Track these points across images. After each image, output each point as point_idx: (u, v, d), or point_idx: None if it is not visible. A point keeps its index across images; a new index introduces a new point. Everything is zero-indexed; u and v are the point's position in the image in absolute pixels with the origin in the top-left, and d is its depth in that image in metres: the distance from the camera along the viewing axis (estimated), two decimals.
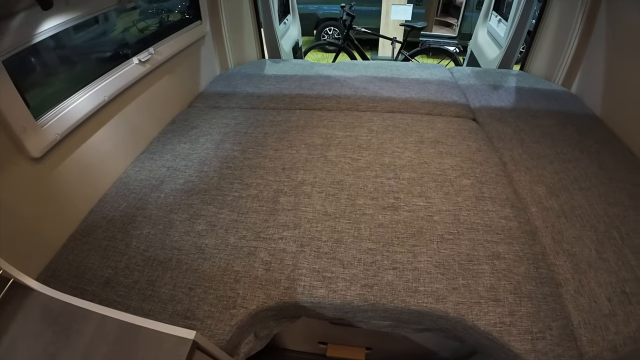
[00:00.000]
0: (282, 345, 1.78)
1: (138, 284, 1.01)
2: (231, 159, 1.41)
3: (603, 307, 0.98)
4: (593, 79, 1.94)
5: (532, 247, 1.09)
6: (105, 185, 1.34)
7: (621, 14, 1.75)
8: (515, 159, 1.44)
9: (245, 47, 2.45)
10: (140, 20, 1.72)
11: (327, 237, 1.07)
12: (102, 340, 0.67)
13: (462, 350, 1.46)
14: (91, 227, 1.19)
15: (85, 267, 1.06)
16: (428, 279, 0.98)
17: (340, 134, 1.48)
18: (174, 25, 1.82)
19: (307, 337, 1.61)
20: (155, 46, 1.60)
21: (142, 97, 1.56)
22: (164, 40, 1.68)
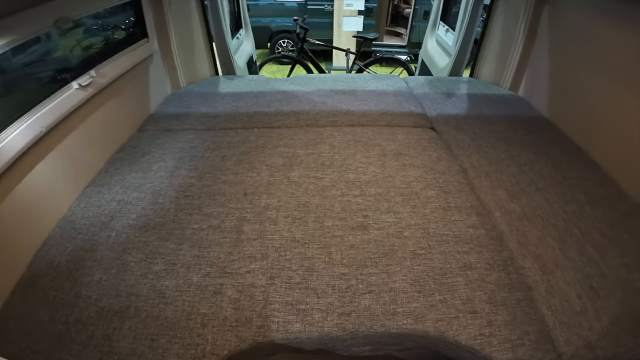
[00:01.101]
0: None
1: (93, 340, 0.90)
2: (188, 186, 1.32)
3: (574, 305, 1.00)
4: (538, 82, 2.06)
5: (500, 254, 1.10)
6: (49, 225, 1.20)
7: (561, 19, 1.87)
8: (475, 165, 1.47)
9: (198, 64, 2.35)
10: (80, 41, 1.59)
11: (298, 265, 1.02)
12: None
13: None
14: (36, 275, 1.05)
15: (33, 322, 0.93)
16: (405, 299, 0.95)
17: (302, 152, 1.44)
18: (118, 44, 1.70)
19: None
20: (97, 68, 1.47)
21: (85, 124, 1.43)
22: (107, 61, 1.55)
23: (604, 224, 1.26)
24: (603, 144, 1.59)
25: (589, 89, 1.68)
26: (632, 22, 1.43)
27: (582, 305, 1.00)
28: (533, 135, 1.74)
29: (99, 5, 1.53)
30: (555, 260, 1.13)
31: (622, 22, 1.48)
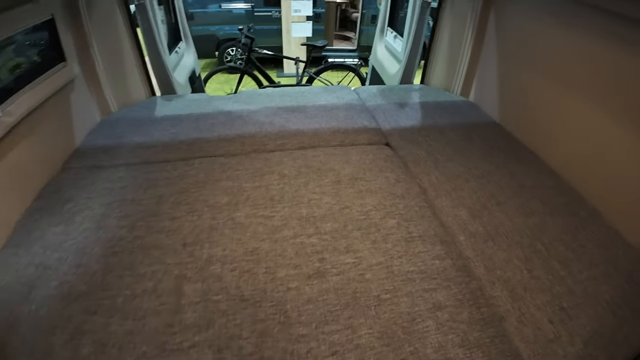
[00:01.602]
0: None
1: None
2: (117, 240, 1.14)
3: (547, 332, 0.96)
4: (487, 87, 2.05)
5: (468, 285, 1.03)
6: None
7: (508, 22, 1.86)
8: (434, 183, 1.41)
9: (130, 86, 2.12)
10: None
11: (249, 331, 0.88)
12: None
13: None
14: None
15: None
16: (373, 357, 0.84)
17: (248, 185, 1.30)
18: (29, 74, 1.45)
19: None
20: (2, 106, 1.25)
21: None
22: (16, 95, 1.32)
23: (567, 235, 1.24)
24: (554, 146, 1.60)
25: (536, 91, 1.69)
26: (572, 23, 1.43)
27: (555, 331, 0.97)
28: (487, 144, 1.72)
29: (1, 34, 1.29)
30: (523, 283, 1.08)
31: (563, 24, 1.49)
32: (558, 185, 1.49)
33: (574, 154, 1.50)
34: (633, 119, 1.24)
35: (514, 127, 1.84)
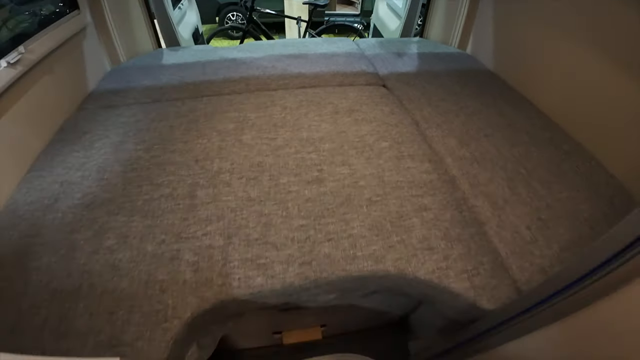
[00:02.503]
0: (235, 346, 1.69)
1: (48, 323, 0.85)
2: (135, 159, 1.25)
3: (525, 235, 1.06)
4: (484, 39, 2.11)
5: (453, 194, 1.14)
6: None
7: None
8: (426, 117, 1.50)
9: (138, 38, 2.19)
10: (5, 20, 1.43)
11: (255, 222, 1.01)
12: None
13: (411, 303, 1.52)
14: None
15: None
16: (364, 243, 0.97)
17: (253, 115, 1.40)
18: (48, 18, 1.54)
19: (259, 332, 1.54)
20: (25, 44, 1.34)
21: (18, 106, 1.31)
22: (36, 36, 1.42)
23: (550, 163, 1.33)
24: (545, 92, 1.67)
25: (529, 40, 1.75)
26: None
27: (532, 235, 1.07)
28: (480, 88, 1.79)
29: None
30: (504, 197, 1.18)
31: None
32: (545, 124, 1.58)
33: (562, 97, 1.58)
34: (619, 61, 1.30)
35: (508, 75, 1.90)
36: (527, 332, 0.77)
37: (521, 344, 0.81)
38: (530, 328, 0.76)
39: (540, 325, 0.73)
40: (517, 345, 0.82)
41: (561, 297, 0.66)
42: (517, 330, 0.80)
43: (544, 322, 0.72)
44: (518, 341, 0.81)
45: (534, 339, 0.76)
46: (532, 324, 0.76)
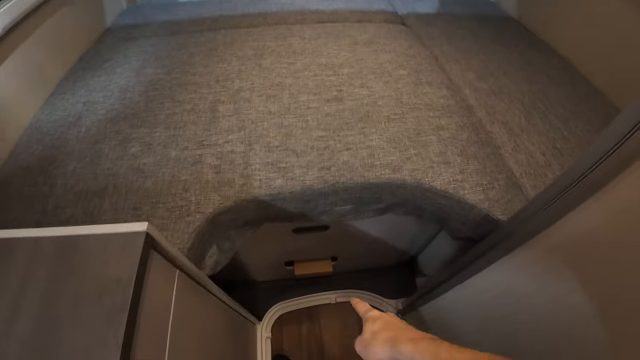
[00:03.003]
0: (251, 277, 1.76)
1: (74, 218, 0.90)
2: (156, 81, 1.27)
3: (539, 160, 1.07)
4: None
5: (470, 119, 1.15)
6: (14, 136, 1.14)
7: None
8: (445, 53, 1.48)
9: None
10: None
11: (275, 132, 1.03)
12: (39, 262, 0.58)
13: (420, 239, 1.56)
14: (7, 179, 1.01)
15: (9, 220, 0.91)
16: (382, 154, 0.99)
17: (272, 44, 1.40)
18: None
19: (272, 262, 1.60)
20: None
21: (42, 30, 1.33)
22: None
23: (568, 101, 1.32)
24: (567, 38, 1.64)
25: None
26: None
27: (546, 160, 1.08)
28: (502, 31, 1.76)
29: None
30: (521, 126, 1.19)
31: None
32: (565, 67, 1.55)
33: (584, 43, 1.55)
34: None
35: (530, 21, 1.85)
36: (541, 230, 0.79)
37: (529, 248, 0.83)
38: (546, 225, 0.78)
39: (554, 219, 0.75)
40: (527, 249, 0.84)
41: (571, 188, 0.67)
42: (530, 233, 0.82)
43: (559, 215, 0.74)
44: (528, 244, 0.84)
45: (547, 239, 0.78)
46: (545, 220, 0.78)
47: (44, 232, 0.62)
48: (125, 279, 0.56)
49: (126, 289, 0.55)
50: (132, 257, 0.58)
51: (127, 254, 0.59)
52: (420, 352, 0.43)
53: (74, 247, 0.60)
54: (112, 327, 0.52)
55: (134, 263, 0.58)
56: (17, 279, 0.56)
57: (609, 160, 0.57)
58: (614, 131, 0.55)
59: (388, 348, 0.49)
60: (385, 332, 0.51)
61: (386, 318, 0.55)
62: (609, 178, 0.59)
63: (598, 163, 0.59)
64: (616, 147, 0.55)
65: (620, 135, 0.53)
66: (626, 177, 0.56)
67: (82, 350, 0.49)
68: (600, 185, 0.60)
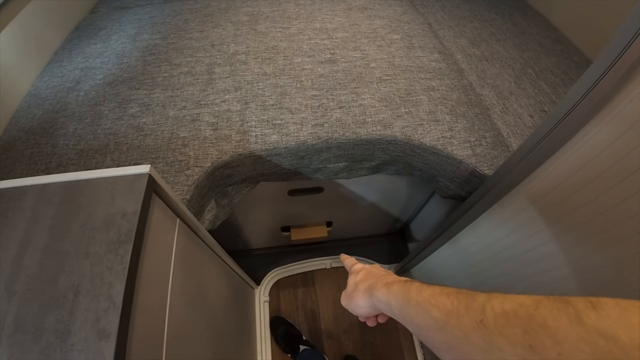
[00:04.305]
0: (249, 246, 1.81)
1: None
2: (153, 46, 1.29)
3: (527, 121, 1.11)
4: None
5: (460, 81, 1.18)
6: (14, 103, 1.16)
7: None
8: (439, 20, 1.50)
9: None
10: None
11: (271, 92, 1.06)
12: (46, 205, 0.62)
13: (411, 205, 1.61)
14: (8, 143, 1.04)
15: (11, 178, 0.95)
16: (374, 112, 1.02)
17: (267, 9, 1.41)
18: None
19: (269, 228, 1.65)
20: None
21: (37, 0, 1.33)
22: None
23: (558, 69, 1.35)
24: (562, 10, 1.65)
25: None
26: None
27: (534, 122, 1.12)
28: (497, 1, 1.77)
29: None
30: (510, 89, 1.22)
31: None
32: (558, 38, 1.57)
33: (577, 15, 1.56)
34: None
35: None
36: (520, 181, 0.84)
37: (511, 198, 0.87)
38: (524, 175, 0.83)
39: (532, 169, 0.80)
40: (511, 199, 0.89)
41: (548, 135, 0.71)
42: (510, 185, 0.86)
43: (535, 165, 0.78)
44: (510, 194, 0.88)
45: (527, 187, 0.83)
46: (523, 172, 0.82)
47: (51, 179, 0.66)
48: (131, 212, 0.61)
49: (131, 221, 0.60)
50: (136, 195, 0.63)
51: (132, 193, 0.63)
52: (394, 295, 0.43)
53: (81, 190, 0.64)
54: (119, 255, 0.56)
55: (138, 199, 0.62)
56: (27, 217, 0.60)
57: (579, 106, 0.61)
58: (587, 79, 0.59)
59: (367, 297, 0.49)
60: (366, 282, 0.51)
61: (368, 268, 0.55)
62: (580, 126, 0.63)
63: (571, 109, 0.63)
64: (587, 93, 0.59)
65: (594, 79, 0.57)
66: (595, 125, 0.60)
67: (89, 276, 0.53)
68: (572, 133, 0.65)
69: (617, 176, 0.57)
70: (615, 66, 0.54)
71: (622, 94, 0.55)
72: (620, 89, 0.55)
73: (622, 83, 0.55)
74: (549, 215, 0.75)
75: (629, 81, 0.54)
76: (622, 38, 0.51)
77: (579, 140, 0.65)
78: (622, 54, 0.52)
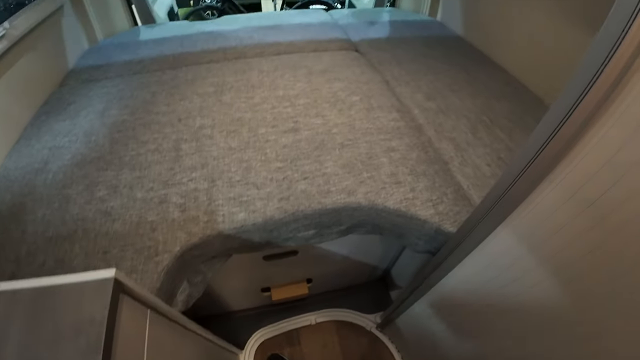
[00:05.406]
0: (229, 309, 1.78)
1: (46, 265, 0.92)
2: (120, 122, 1.31)
3: (485, 171, 1.17)
4: (451, 6, 2.20)
5: (419, 138, 1.24)
6: None
7: None
8: (395, 76, 1.59)
9: (114, 16, 2.22)
10: None
11: (237, 167, 1.09)
12: (15, 314, 0.61)
13: (389, 254, 1.63)
14: None
15: None
16: (337, 180, 1.06)
17: (232, 79, 1.47)
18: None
19: (248, 289, 1.63)
20: (10, 20, 1.39)
21: (5, 78, 1.36)
22: (19, 13, 1.46)
23: (512, 113, 1.44)
24: (509, 53, 1.78)
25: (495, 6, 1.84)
26: None
27: (492, 171, 1.18)
28: (449, 51, 1.89)
29: None
30: (467, 140, 1.29)
31: None
32: (508, 80, 1.69)
33: (523, 56, 1.69)
34: (576, 22, 1.40)
35: (475, 39, 2.01)
36: (483, 239, 0.87)
37: (479, 252, 0.91)
38: (485, 234, 0.86)
39: (492, 228, 0.84)
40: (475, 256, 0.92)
41: (504, 196, 0.76)
42: (474, 242, 0.90)
43: (495, 225, 0.82)
44: (476, 251, 0.92)
45: (490, 246, 0.87)
46: (484, 230, 0.86)
47: (22, 284, 0.65)
48: (98, 320, 0.60)
49: (99, 329, 0.59)
50: (103, 300, 0.63)
51: (99, 297, 0.63)
52: None
53: (49, 296, 0.64)
54: None
55: (105, 304, 0.62)
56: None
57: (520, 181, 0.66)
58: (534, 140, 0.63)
59: None
60: None
61: None
62: (526, 193, 0.67)
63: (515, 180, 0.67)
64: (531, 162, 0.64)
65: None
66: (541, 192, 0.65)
67: None
68: (520, 200, 0.69)
69: (573, 232, 0.60)
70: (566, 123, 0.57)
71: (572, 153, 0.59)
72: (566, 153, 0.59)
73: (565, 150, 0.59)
74: (522, 265, 0.78)
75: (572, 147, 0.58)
76: (576, 87, 0.54)
77: (535, 198, 0.68)
78: (577, 105, 0.55)
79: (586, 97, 0.51)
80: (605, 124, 0.52)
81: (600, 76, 0.48)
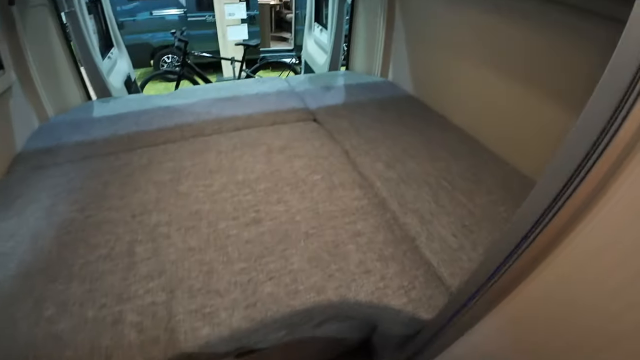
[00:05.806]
0: None
1: None
2: (70, 222, 1.22)
3: (452, 243, 1.17)
4: (402, 66, 2.33)
5: (383, 216, 1.25)
6: None
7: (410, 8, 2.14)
8: (355, 146, 1.62)
9: (66, 92, 2.15)
10: None
11: (197, 272, 1.03)
12: None
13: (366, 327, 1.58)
14: None
15: None
16: (304, 276, 1.03)
17: (189, 163, 1.44)
18: None
19: None
20: None
21: None
22: None
23: (469, 173, 1.49)
24: (459, 110, 1.89)
25: (440, 63, 1.97)
26: (460, 2, 1.71)
27: (459, 242, 1.19)
28: (403, 112, 1.98)
29: None
30: (430, 210, 1.31)
31: (456, 4, 1.76)
32: (462, 138, 1.77)
33: (473, 113, 1.79)
34: (516, 76, 1.51)
35: (426, 97, 2.12)
36: (464, 331, 0.86)
37: (462, 344, 0.90)
38: (465, 328, 0.85)
39: (473, 322, 0.83)
40: (459, 345, 0.91)
41: (485, 289, 0.75)
42: (455, 332, 0.89)
43: (477, 318, 0.81)
44: (459, 342, 0.90)
45: (472, 337, 0.85)
46: (465, 323, 0.85)
47: None
48: None
49: None
50: None
51: None
52: None
53: None
54: None
55: None
56: None
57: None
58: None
59: None
60: None
61: None
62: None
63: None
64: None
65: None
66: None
67: None
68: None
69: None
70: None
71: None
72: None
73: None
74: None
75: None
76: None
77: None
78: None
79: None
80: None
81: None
